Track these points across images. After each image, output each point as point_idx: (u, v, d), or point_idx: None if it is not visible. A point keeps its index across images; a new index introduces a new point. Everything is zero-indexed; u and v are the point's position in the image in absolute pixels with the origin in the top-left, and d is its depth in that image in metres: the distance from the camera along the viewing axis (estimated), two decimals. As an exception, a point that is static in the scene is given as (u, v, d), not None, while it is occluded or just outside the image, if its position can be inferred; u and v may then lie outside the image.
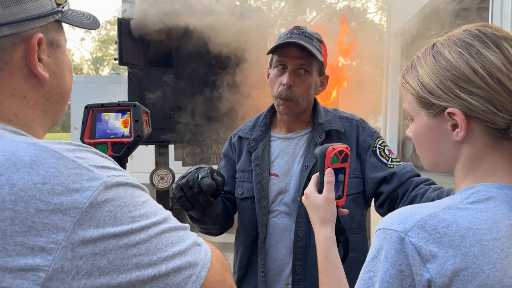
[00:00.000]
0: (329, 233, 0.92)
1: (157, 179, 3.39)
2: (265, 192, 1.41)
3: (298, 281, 1.35)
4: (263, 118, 1.52)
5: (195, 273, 0.61)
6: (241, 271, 1.46)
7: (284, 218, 1.39)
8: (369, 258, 0.69)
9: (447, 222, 0.65)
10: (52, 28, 0.67)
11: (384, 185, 1.36)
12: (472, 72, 0.68)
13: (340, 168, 0.99)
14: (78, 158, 0.56)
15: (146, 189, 0.64)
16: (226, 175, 1.52)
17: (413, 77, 0.77)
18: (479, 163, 0.71)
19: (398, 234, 0.65)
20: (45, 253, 0.50)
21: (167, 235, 0.60)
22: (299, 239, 1.35)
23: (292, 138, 1.46)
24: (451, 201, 0.69)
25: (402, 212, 0.68)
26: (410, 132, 0.81)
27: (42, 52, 0.65)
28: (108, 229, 0.54)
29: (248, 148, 1.47)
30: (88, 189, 0.54)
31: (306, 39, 1.36)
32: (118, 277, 0.54)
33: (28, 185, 0.51)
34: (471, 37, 0.71)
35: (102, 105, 1.00)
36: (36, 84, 0.66)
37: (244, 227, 1.46)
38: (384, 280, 0.65)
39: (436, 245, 0.64)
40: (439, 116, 0.73)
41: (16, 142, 0.56)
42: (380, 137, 1.44)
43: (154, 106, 3.23)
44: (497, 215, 0.66)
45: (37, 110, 0.67)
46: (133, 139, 0.97)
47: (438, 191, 1.23)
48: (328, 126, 1.42)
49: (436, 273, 0.63)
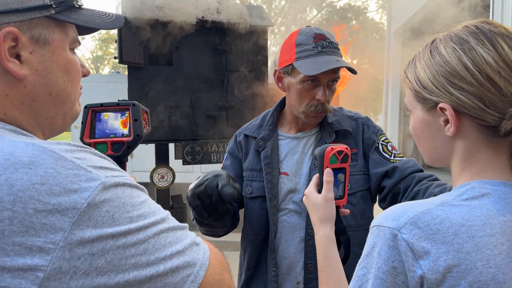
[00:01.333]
0: (328, 232, 0.92)
1: (157, 177, 3.39)
2: (275, 191, 1.41)
3: (310, 279, 1.35)
4: (270, 116, 1.51)
5: (193, 272, 0.61)
6: (249, 271, 1.46)
7: (294, 217, 1.39)
8: (364, 255, 0.69)
9: (440, 219, 0.65)
10: (40, 25, 0.64)
11: (386, 179, 1.36)
12: (463, 68, 0.68)
13: (340, 168, 0.99)
14: (77, 158, 0.56)
15: (144, 189, 0.64)
16: (233, 174, 1.50)
17: (412, 72, 0.77)
18: (474, 160, 0.71)
19: (391, 231, 0.66)
20: (43, 253, 0.50)
21: (165, 235, 0.60)
22: (310, 238, 1.35)
23: (301, 137, 1.46)
24: (445, 198, 0.69)
25: (396, 209, 0.69)
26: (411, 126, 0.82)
27: (22, 49, 0.62)
28: (106, 230, 0.54)
29: (257, 147, 1.47)
30: (86, 190, 0.54)
31: (337, 51, 1.36)
32: (116, 277, 0.54)
33: (26, 186, 0.51)
34: (468, 33, 0.71)
35: (101, 105, 1.01)
36: (15, 82, 0.62)
37: (253, 226, 1.45)
38: (378, 276, 0.65)
39: (429, 242, 0.64)
40: (432, 110, 0.73)
41: (15, 143, 0.55)
42: (383, 134, 1.45)
43: (154, 105, 3.23)
44: (491, 212, 0.66)
45: (25, 111, 0.64)
46: (132, 138, 0.97)
47: (441, 187, 1.23)
48: (338, 126, 1.42)
49: (429, 270, 0.63)
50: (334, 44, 1.36)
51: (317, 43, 1.34)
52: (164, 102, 3.32)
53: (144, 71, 3.28)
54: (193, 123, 3.40)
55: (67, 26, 0.69)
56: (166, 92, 3.33)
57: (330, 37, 1.37)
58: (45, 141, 0.58)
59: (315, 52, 1.33)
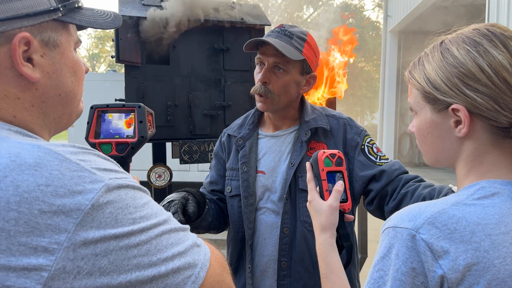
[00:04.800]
0: (328, 238, 0.92)
1: (155, 176, 3.39)
2: (251, 190, 1.42)
3: (283, 276, 1.37)
4: (252, 116, 1.55)
5: (194, 273, 0.62)
6: (231, 266, 1.48)
7: (271, 215, 1.41)
8: (379, 257, 0.68)
9: (456, 218, 0.65)
10: (49, 28, 0.65)
11: (374, 182, 1.37)
12: (478, 70, 0.69)
13: (337, 171, 1.01)
14: (81, 160, 0.57)
15: (147, 191, 0.65)
16: (217, 174, 1.56)
17: (420, 72, 0.78)
18: (481, 160, 0.72)
19: (409, 231, 0.66)
20: (48, 253, 0.51)
21: (167, 236, 0.61)
22: (284, 236, 1.37)
23: (279, 135, 1.48)
24: (458, 197, 0.70)
25: (411, 210, 0.69)
26: (413, 127, 0.82)
27: (34, 52, 0.64)
28: (109, 231, 0.55)
29: (236, 146, 1.50)
30: (90, 192, 0.55)
31: (284, 37, 1.36)
32: (118, 277, 0.55)
33: (32, 187, 0.52)
34: (480, 35, 0.72)
35: (107, 106, 1.02)
36: (28, 85, 0.64)
37: (233, 224, 1.48)
38: (396, 278, 0.65)
39: (447, 241, 0.64)
40: (443, 112, 0.74)
41: (21, 144, 0.56)
42: (368, 135, 1.46)
43: (151, 103, 3.24)
44: (503, 210, 0.67)
45: (35, 112, 0.66)
46: (137, 139, 0.98)
47: (430, 188, 1.24)
48: (314, 124, 1.43)
49: (449, 269, 0.63)
50: (287, 32, 1.38)
51: (272, 30, 1.41)
52: (161, 101, 3.32)
53: (141, 70, 3.28)
54: (190, 122, 3.41)
55: (70, 27, 0.70)
56: (163, 91, 3.33)
57: (290, 29, 1.39)
58: (50, 143, 0.59)
59: (265, 35, 1.40)
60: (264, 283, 1.41)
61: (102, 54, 32.12)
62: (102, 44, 31.67)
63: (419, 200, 1.22)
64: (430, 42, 0.79)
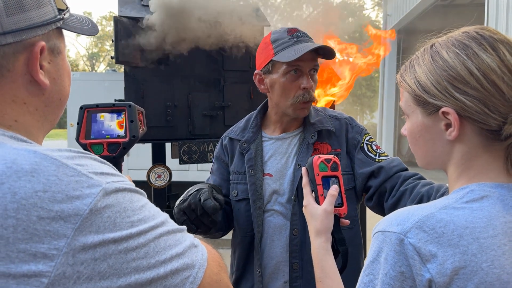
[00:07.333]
0: (323, 243, 0.92)
1: (154, 177, 3.40)
2: (259, 193, 1.42)
3: (296, 278, 1.37)
4: (254, 119, 1.53)
5: (192, 274, 0.63)
6: (239, 271, 1.48)
7: (279, 217, 1.41)
8: (369, 261, 0.69)
9: (444, 222, 0.66)
10: (54, 35, 0.68)
11: (372, 179, 1.38)
12: (467, 73, 0.69)
13: (332, 176, 1.01)
14: (78, 165, 0.57)
15: (143, 193, 0.65)
16: (220, 178, 1.53)
17: (411, 75, 0.78)
18: (472, 163, 0.72)
19: (397, 235, 0.66)
20: (47, 259, 0.52)
21: (165, 238, 0.62)
22: (294, 237, 1.37)
23: (284, 138, 1.48)
24: (447, 201, 0.70)
25: (400, 214, 0.69)
26: (405, 130, 0.82)
27: (44, 59, 0.66)
28: (107, 235, 0.55)
29: (241, 149, 1.48)
30: (88, 196, 0.55)
31: (312, 40, 1.39)
32: (118, 281, 0.56)
33: (29, 193, 0.52)
34: (469, 38, 0.72)
35: (97, 106, 1.01)
36: (37, 91, 0.66)
37: (241, 228, 1.47)
38: (385, 282, 0.65)
39: (435, 245, 0.64)
40: (433, 115, 0.74)
41: (16, 150, 0.57)
42: (368, 134, 1.47)
43: (150, 104, 3.24)
44: (492, 213, 0.67)
45: (36, 116, 0.67)
46: (128, 139, 0.98)
47: (428, 187, 1.24)
48: (320, 126, 1.43)
49: (437, 273, 0.63)
50: (308, 35, 1.39)
51: (292, 35, 1.38)
52: (161, 101, 3.33)
53: (140, 71, 3.28)
54: (190, 122, 3.41)
55: (63, 34, 0.73)
56: (163, 92, 3.34)
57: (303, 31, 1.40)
58: (46, 148, 0.60)
59: (292, 42, 1.36)
60: (273, 285, 1.41)
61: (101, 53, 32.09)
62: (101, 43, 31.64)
63: (417, 198, 1.22)
64: (421, 45, 0.80)
